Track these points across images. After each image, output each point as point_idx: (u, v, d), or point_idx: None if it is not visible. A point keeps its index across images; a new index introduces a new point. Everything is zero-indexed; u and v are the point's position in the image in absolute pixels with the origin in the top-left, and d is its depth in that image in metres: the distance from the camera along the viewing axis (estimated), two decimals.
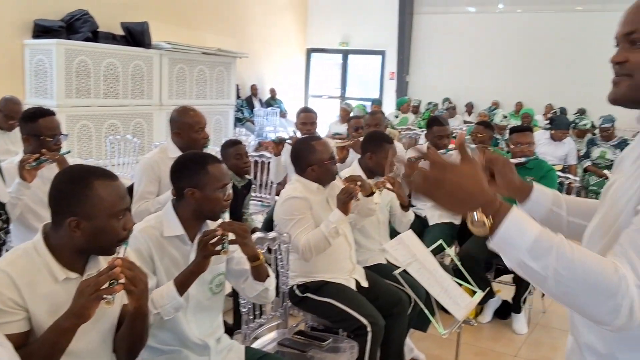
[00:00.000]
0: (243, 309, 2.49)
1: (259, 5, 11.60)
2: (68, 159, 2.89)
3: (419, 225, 3.87)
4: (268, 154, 5.16)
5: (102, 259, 1.67)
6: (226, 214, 2.16)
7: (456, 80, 12.21)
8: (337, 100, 13.05)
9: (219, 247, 1.92)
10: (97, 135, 6.79)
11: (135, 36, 7.43)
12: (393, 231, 3.35)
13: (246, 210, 3.90)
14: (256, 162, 5.16)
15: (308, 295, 2.80)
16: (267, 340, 2.66)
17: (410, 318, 2.99)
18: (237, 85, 10.10)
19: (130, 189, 3.11)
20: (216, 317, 2.21)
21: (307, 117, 4.62)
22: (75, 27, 7.04)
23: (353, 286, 2.88)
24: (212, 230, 1.96)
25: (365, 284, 2.95)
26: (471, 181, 1.06)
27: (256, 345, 2.55)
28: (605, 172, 5.79)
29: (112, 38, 7.35)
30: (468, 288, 2.57)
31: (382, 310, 2.82)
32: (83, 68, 6.57)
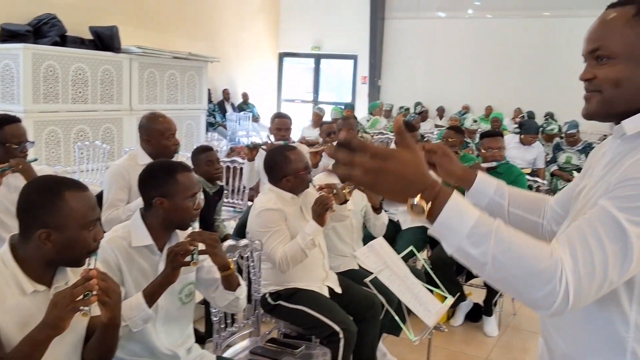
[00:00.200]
0: (214, 318, 2.46)
1: (231, 9, 11.56)
2: (34, 167, 2.84)
3: (392, 229, 3.89)
4: (240, 160, 5.14)
5: (70, 271, 1.65)
6: (196, 223, 2.14)
7: (427, 84, 12.34)
8: (310, 104, 13.07)
9: (189, 258, 1.90)
10: (66, 141, 6.67)
11: (104, 40, 7.33)
12: (368, 237, 3.36)
13: (218, 216, 3.88)
14: (228, 168, 5.13)
15: (280, 302, 2.79)
16: (239, 348, 2.64)
17: (382, 323, 3.01)
18: (209, 89, 10.03)
19: (99, 197, 3.07)
20: (186, 327, 2.19)
21: (282, 123, 4.55)
22: (42, 32, 6.94)
23: (326, 293, 2.88)
24: (182, 242, 1.94)
25: (338, 290, 2.95)
26: (412, 167, 1.02)
27: (228, 354, 2.53)
28: (571, 177, 5.88)
29: (81, 42, 7.25)
30: (439, 294, 2.60)
31: (355, 314, 2.83)
32: (51, 73, 6.45)
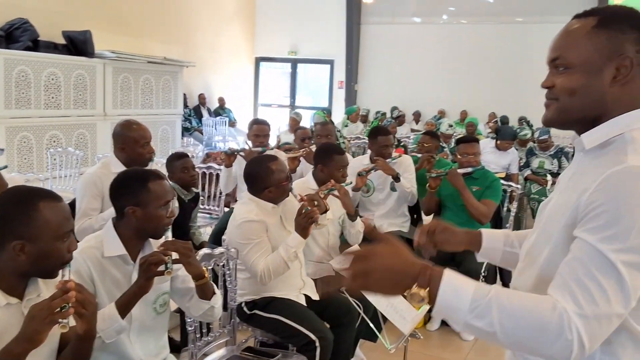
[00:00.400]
0: (189, 328, 2.43)
1: (206, 13, 11.50)
2: (4, 175, 2.79)
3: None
4: (216, 165, 5.10)
5: (42, 283, 1.62)
6: (169, 232, 2.12)
7: (403, 89, 12.40)
8: (287, 109, 13.05)
9: (162, 268, 1.89)
10: (38, 147, 6.57)
11: (77, 45, 7.23)
12: (345, 245, 3.37)
13: (194, 223, 3.85)
14: (204, 174, 5.09)
15: (256, 312, 2.77)
16: (216, 357, 2.62)
17: (359, 329, 3.01)
18: (185, 94, 9.96)
19: (72, 205, 3.02)
20: (161, 337, 2.17)
21: (260, 130, 4.47)
22: (14, 36, 6.82)
23: (303, 302, 2.87)
24: (156, 252, 1.92)
25: (316, 297, 2.95)
26: (396, 258, 1.06)
27: None
28: (545, 180, 5.96)
29: (54, 47, 7.14)
30: None
31: (332, 320, 2.83)
32: (23, 78, 6.34)
